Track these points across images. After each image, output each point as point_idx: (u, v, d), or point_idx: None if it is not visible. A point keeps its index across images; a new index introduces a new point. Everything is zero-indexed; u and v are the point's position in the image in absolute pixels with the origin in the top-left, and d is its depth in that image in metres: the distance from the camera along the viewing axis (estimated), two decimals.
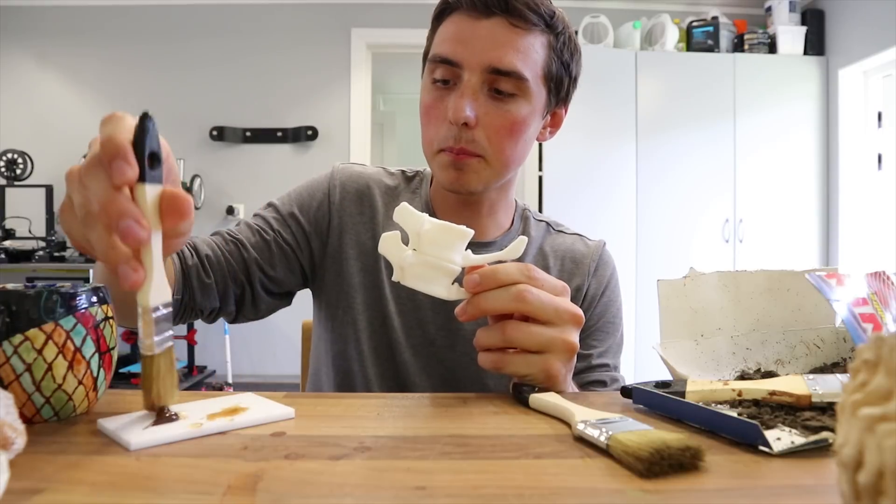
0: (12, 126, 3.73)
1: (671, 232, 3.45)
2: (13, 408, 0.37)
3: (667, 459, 0.34)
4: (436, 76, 0.72)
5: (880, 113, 3.33)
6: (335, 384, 0.81)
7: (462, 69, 0.70)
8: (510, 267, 0.52)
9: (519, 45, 0.70)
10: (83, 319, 0.45)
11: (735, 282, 0.58)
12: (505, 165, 0.75)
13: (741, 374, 0.55)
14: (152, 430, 0.41)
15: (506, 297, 0.51)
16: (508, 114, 0.71)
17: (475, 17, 0.70)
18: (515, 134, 0.73)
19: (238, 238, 0.77)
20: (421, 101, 0.76)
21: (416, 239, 0.52)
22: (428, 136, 0.75)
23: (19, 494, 0.32)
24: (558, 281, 0.55)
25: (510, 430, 0.44)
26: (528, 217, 0.88)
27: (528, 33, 0.71)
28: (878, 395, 0.23)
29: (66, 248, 3.46)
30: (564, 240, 0.87)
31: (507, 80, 0.70)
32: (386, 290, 0.80)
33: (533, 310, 0.51)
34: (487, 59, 0.69)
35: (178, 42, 3.82)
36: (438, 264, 0.52)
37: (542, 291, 0.52)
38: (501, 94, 0.71)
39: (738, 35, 3.62)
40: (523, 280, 0.52)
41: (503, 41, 0.69)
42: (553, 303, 0.52)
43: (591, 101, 3.39)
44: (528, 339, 0.51)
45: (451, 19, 0.73)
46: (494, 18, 0.70)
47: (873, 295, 0.55)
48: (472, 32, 0.70)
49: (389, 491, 0.33)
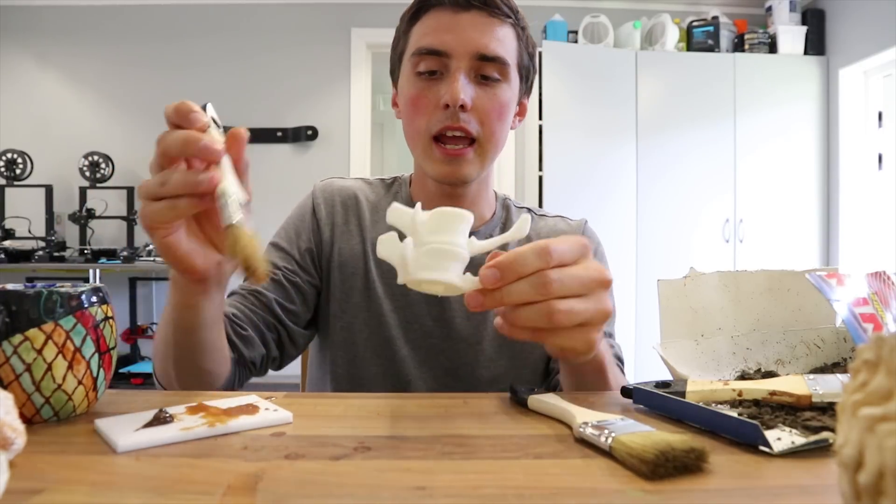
0: (12, 126, 3.73)
1: (671, 232, 3.45)
2: (13, 408, 0.37)
3: (671, 461, 0.34)
4: (421, 69, 0.76)
5: (881, 113, 3.32)
6: (335, 390, 0.82)
7: (450, 58, 0.74)
8: (527, 255, 0.47)
9: (498, 34, 0.75)
10: (83, 319, 0.45)
11: (735, 282, 0.58)
12: (495, 148, 0.78)
13: (741, 374, 0.55)
14: (142, 432, 0.41)
15: (529, 289, 0.47)
16: (496, 97, 0.76)
17: (455, 11, 0.75)
18: (503, 117, 0.77)
19: (253, 288, 0.78)
20: (405, 95, 0.78)
21: (415, 231, 0.48)
22: (417, 126, 0.77)
23: (19, 494, 0.32)
24: (575, 244, 0.49)
25: (510, 430, 0.44)
26: (510, 206, 0.91)
27: (502, 24, 0.76)
28: (878, 395, 0.23)
29: (65, 248, 3.46)
30: (547, 222, 0.89)
31: (492, 65, 0.75)
32: (378, 290, 0.81)
33: (560, 294, 0.47)
34: (474, 46, 0.74)
35: (178, 42, 3.82)
36: (445, 249, 0.47)
37: (563, 271, 0.47)
38: (487, 79, 0.75)
39: (739, 35, 3.62)
40: (542, 265, 0.47)
41: (485, 30, 0.74)
42: (578, 278, 0.48)
43: (592, 100, 3.39)
44: (572, 319, 0.48)
45: (429, 15, 0.77)
46: (473, 11, 0.74)
47: (874, 295, 0.55)
48: (455, 23, 0.74)
49: (389, 491, 0.33)
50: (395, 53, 0.83)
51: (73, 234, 3.60)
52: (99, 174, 3.53)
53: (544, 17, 3.56)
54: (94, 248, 3.39)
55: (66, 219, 3.55)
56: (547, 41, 3.41)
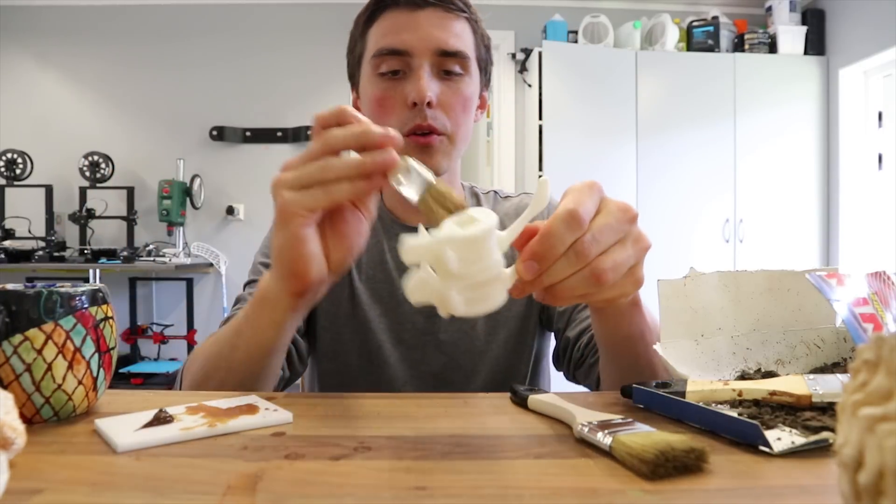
0: (12, 126, 3.73)
1: (671, 232, 3.45)
2: (13, 408, 0.37)
3: (671, 461, 0.34)
4: (383, 69, 0.76)
5: (881, 113, 3.32)
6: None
7: (411, 56, 0.75)
8: (559, 232, 0.41)
9: (456, 29, 0.76)
10: (83, 319, 0.45)
11: (735, 282, 0.58)
12: (463, 141, 0.80)
13: (741, 374, 0.55)
14: (142, 432, 0.41)
15: (569, 265, 0.42)
16: (460, 91, 0.77)
17: (411, 10, 0.75)
18: (468, 110, 0.78)
19: None
20: (369, 97, 0.78)
21: (444, 270, 0.41)
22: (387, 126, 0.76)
23: (19, 494, 0.32)
24: (589, 191, 0.44)
25: (510, 430, 0.44)
26: (478, 193, 0.92)
27: (458, 19, 0.77)
28: (878, 395, 0.23)
29: (65, 248, 3.46)
30: (513, 202, 0.91)
31: (454, 60, 0.76)
32: (363, 298, 0.81)
33: (600, 252, 0.43)
34: (434, 42, 0.74)
35: (178, 42, 3.82)
36: (485, 280, 0.42)
37: (595, 229, 0.43)
38: (450, 74, 0.76)
39: (739, 35, 3.62)
40: (577, 235, 0.42)
41: (443, 26, 0.76)
42: (610, 228, 0.43)
43: (592, 100, 3.39)
44: (619, 272, 0.44)
45: (385, 16, 0.77)
46: (429, 9, 0.75)
47: (874, 295, 0.55)
48: (413, 22, 0.75)
49: (389, 491, 0.33)
50: (353, 57, 0.83)
51: (73, 234, 3.60)
52: (99, 174, 3.53)
53: (544, 17, 3.56)
54: (94, 248, 3.39)
55: (66, 219, 3.55)
56: (547, 41, 3.41)
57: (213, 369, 0.60)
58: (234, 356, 0.58)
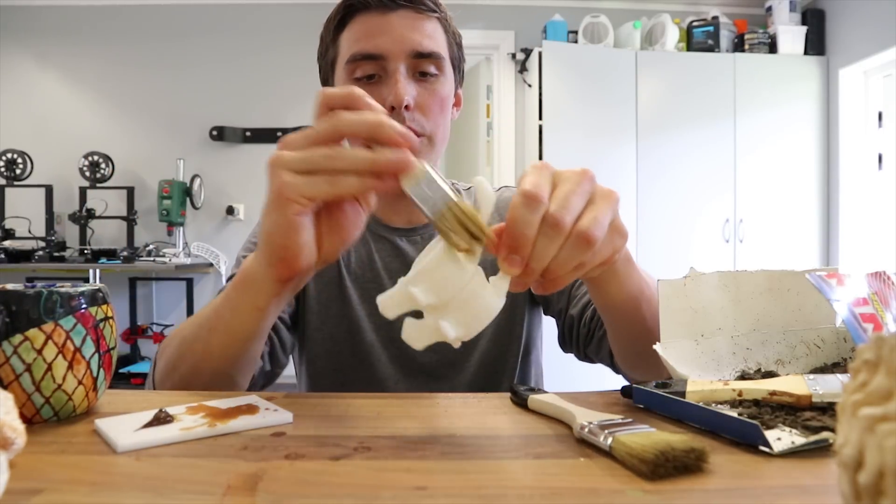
0: (12, 126, 3.73)
1: (671, 232, 3.45)
2: (13, 408, 0.37)
3: (671, 461, 0.34)
4: (358, 74, 0.75)
5: (881, 113, 3.33)
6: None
7: (387, 60, 0.74)
8: (522, 218, 0.41)
9: (428, 30, 0.76)
10: (83, 319, 0.45)
11: (735, 282, 0.58)
12: (442, 141, 0.79)
13: (741, 374, 0.55)
14: (142, 432, 0.41)
15: (552, 243, 0.42)
16: (436, 92, 0.77)
17: (383, 13, 0.74)
18: (445, 110, 0.78)
19: None
20: None
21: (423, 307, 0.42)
22: None
23: (19, 494, 0.32)
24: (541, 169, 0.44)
25: (510, 430, 0.44)
26: (459, 189, 0.91)
27: (429, 20, 0.77)
28: (878, 395, 0.23)
29: (65, 248, 3.46)
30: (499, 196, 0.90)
31: (429, 61, 0.76)
32: (353, 296, 0.81)
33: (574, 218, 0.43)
34: (408, 44, 0.74)
35: (178, 42, 3.82)
36: (468, 294, 0.41)
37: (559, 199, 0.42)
38: (426, 75, 0.76)
39: (739, 35, 3.62)
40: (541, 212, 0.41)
41: (416, 27, 0.75)
42: (574, 193, 0.43)
43: (592, 100, 3.39)
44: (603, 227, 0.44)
45: (357, 20, 0.76)
46: (400, 11, 0.75)
47: (874, 295, 0.55)
48: (385, 25, 0.74)
49: (389, 491, 0.33)
50: (325, 62, 0.81)
51: (73, 234, 3.60)
52: (99, 174, 3.53)
53: (544, 17, 3.56)
54: (94, 248, 3.39)
55: (66, 219, 3.56)
56: (547, 41, 3.41)
57: (189, 352, 0.58)
58: (212, 339, 0.56)
